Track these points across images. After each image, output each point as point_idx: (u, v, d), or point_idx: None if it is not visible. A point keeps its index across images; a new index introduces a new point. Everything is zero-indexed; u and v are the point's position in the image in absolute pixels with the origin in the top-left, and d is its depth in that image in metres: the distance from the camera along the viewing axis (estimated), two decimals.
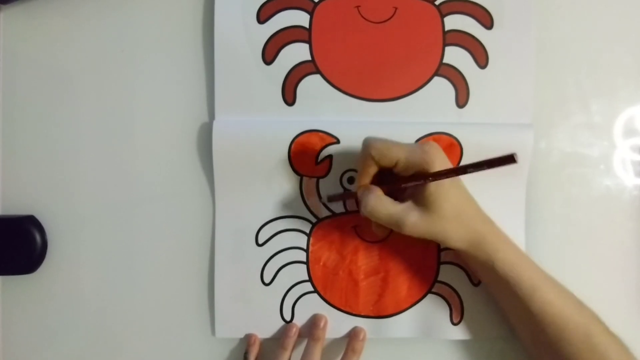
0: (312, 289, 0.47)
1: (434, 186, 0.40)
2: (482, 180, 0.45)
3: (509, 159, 0.33)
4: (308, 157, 0.45)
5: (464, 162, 0.45)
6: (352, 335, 0.46)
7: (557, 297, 0.41)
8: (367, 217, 0.42)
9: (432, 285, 0.47)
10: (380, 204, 0.40)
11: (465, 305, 0.47)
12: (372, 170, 0.41)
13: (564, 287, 0.42)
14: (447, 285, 0.47)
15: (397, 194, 0.42)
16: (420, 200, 0.40)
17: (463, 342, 0.47)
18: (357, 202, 0.44)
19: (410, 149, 0.40)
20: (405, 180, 0.41)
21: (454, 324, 0.47)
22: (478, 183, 0.46)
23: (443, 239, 0.41)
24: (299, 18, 0.46)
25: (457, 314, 0.47)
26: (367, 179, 0.42)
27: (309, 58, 0.46)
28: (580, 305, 0.41)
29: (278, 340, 0.46)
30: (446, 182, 0.40)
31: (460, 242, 0.41)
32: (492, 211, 0.46)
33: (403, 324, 0.47)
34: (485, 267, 0.42)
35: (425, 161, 0.39)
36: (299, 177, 0.46)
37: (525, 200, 0.47)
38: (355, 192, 0.43)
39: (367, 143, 0.41)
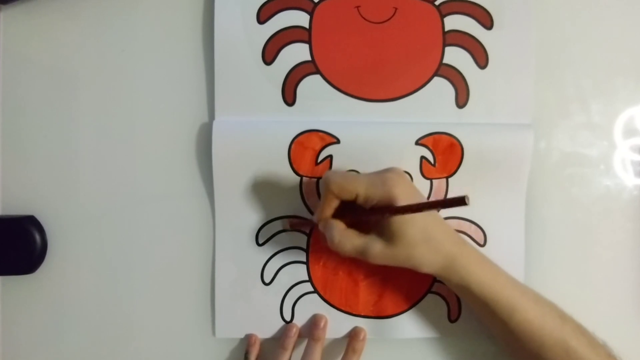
0: (312, 289, 0.47)
1: (397, 218, 0.39)
2: (482, 180, 0.46)
3: (460, 201, 0.34)
4: (308, 157, 0.45)
5: (465, 163, 0.45)
6: (353, 335, 0.46)
7: (536, 314, 0.40)
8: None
9: (432, 285, 0.47)
10: (344, 238, 0.41)
11: (462, 303, 0.47)
12: (334, 204, 0.41)
13: (544, 301, 0.42)
14: None
15: (362, 224, 0.42)
16: (384, 230, 0.40)
17: (463, 342, 0.47)
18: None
19: (369, 182, 0.40)
20: (366, 213, 0.41)
21: (452, 322, 0.47)
22: (478, 183, 0.46)
23: (413, 265, 0.41)
24: (299, 18, 0.46)
25: (455, 311, 0.47)
26: (328, 211, 0.42)
27: (309, 58, 0.46)
28: (561, 319, 0.41)
29: (278, 340, 0.46)
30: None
31: (432, 267, 0.41)
32: (491, 211, 0.46)
33: (403, 325, 0.47)
34: (461, 289, 0.42)
35: (384, 192, 0.39)
36: (298, 178, 0.46)
37: (525, 201, 0.47)
38: (314, 222, 0.43)
39: (327, 178, 0.40)
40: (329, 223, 0.42)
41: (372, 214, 0.41)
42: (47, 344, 0.48)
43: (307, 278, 0.47)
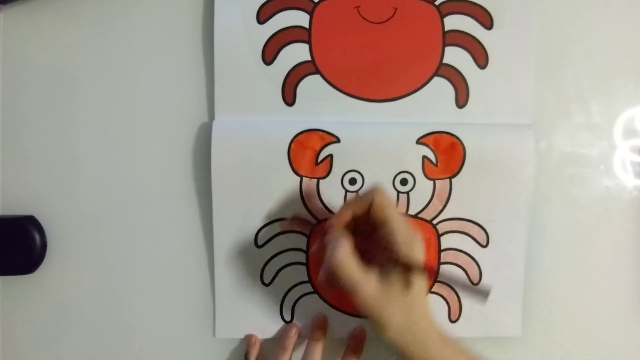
0: (311, 290, 0.47)
1: (406, 283, 0.38)
2: (485, 180, 0.46)
3: (483, 294, 0.34)
4: (308, 158, 0.45)
5: (468, 163, 0.45)
6: (352, 336, 0.46)
7: None
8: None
9: (432, 285, 0.47)
10: (346, 262, 0.38)
11: (463, 303, 0.47)
12: (358, 212, 0.40)
13: None
14: (446, 284, 0.47)
15: (364, 253, 0.40)
16: (387, 282, 0.38)
17: (463, 342, 0.47)
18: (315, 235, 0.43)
19: (404, 221, 0.39)
20: (377, 248, 0.39)
21: (452, 322, 0.47)
22: (481, 183, 0.46)
23: (384, 325, 0.38)
24: (299, 18, 0.46)
25: (455, 312, 0.47)
26: (347, 217, 0.40)
27: (309, 58, 0.46)
28: None
29: (278, 340, 0.46)
30: (420, 282, 0.39)
31: (398, 337, 0.39)
32: (494, 212, 0.46)
33: None
34: None
35: (409, 241, 0.38)
36: (298, 178, 0.46)
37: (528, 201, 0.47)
38: (314, 223, 0.42)
39: (378, 188, 0.39)
40: (340, 236, 0.39)
41: (385, 250, 0.38)
42: (47, 344, 0.48)
43: (306, 279, 0.47)
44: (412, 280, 0.39)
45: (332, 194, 0.46)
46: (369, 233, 0.40)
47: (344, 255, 0.38)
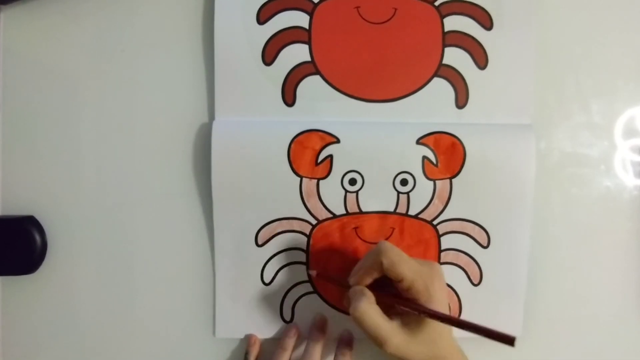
0: (312, 290, 0.47)
1: (430, 321, 0.39)
2: (486, 181, 0.46)
3: (508, 340, 0.34)
4: (308, 158, 0.45)
5: (468, 163, 0.45)
6: (340, 340, 0.46)
7: None
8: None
9: None
10: (369, 314, 0.39)
11: (463, 304, 0.47)
12: (376, 274, 0.40)
13: None
14: (447, 285, 0.47)
15: (387, 305, 0.41)
16: (411, 326, 0.39)
17: (463, 342, 0.47)
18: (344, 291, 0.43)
19: (418, 273, 0.39)
20: (403, 301, 0.40)
21: None
22: (482, 184, 0.46)
23: None
24: (299, 19, 0.46)
25: (455, 312, 0.47)
26: (368, 280, 0.41)
27: (309, 59, 0.46)
28: None
29: (278, 340, 0.46)
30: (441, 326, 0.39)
31: None
32: (496, 213, 0.46)
33: None
34: None
35: (427, 292, 0.39)
36: (298, 179, 0.46)
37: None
38: (347, 283, 0.42)
39: (383, 250, 0.39)
40: (362, 291, 0.40)
41: (410, 305, 0.39)
42: (47, 344, 0.48)
43: (306, 278, 0.47)
44: (441, 328, 0.39)
45: (332, 194, 0.46)
46: (388, 284, 0.41)
47: (367, 305, 0.39)
